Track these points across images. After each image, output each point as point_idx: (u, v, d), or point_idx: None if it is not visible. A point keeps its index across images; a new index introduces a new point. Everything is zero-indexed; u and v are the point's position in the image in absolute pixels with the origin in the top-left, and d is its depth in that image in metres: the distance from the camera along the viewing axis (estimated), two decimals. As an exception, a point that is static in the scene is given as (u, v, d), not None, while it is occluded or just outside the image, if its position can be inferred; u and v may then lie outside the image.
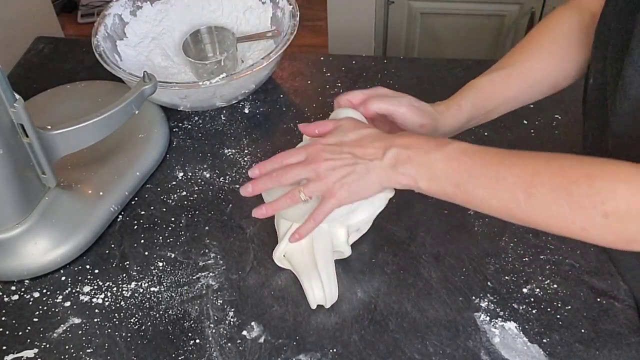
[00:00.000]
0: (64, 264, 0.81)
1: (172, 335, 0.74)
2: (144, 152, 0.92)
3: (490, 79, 0.75)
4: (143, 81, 0.82)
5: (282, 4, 1.05)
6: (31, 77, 1.09)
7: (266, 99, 1.03)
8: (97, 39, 0.98)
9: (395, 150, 0.64)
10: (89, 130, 0.78)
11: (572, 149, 0.91)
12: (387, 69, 1.06)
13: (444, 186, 0.62)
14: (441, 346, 0.71)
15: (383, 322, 0.74)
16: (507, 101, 0.76)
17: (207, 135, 0.98)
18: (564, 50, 0.76)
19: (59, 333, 0.75)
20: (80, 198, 0.84)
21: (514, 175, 0.58)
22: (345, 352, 0.71)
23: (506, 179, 0.58)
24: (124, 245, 0.84)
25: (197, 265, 0.81)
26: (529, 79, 0.75)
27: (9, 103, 0.70)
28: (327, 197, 0.66)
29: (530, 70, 0.75)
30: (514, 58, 0.76)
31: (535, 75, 0.76)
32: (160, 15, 1.09)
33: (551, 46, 0.76)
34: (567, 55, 0.76)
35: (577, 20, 0.76)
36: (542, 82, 0.76)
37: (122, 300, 0.78)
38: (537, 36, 0.77)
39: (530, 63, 0.75)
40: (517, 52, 0.77)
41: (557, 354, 0.70)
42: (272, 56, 0.94)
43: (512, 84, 0.75)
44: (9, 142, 0.72)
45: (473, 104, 0.74)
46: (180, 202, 0.89)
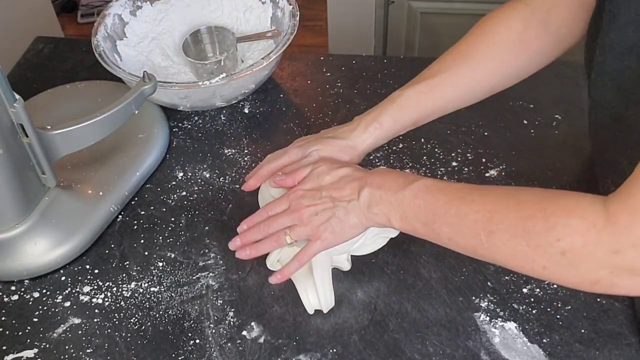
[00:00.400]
0: (63, 264, 0.81)
1: (172, 336, 0.74)
2: (143, 152, 0.92)
3: (416, 90, 0.72)
4: (143, 81, 0.82)
5: (282, 4, 1.04)
6: (31, 77, 1.09)
7: (266, 99, 1.03)
8: (97, 39, 0.98)
9: (368, 190, 0.65)
10: (88, 130, 0.78)
11: (571, 148, 0.91)
12: (387, 68, 1.06)
13: (414, 225, 0.63)
14: (441, 346, 0.71)
15: (383, 322, 0.74)
16: (434, 111, 0.74)
17: (207, 135, 0.98)
18: (498, 58, 0.72)
19: (59, 333, 0.75)
20: (80, 198, 0.84)
21: (474, 212, 0.57)
22: (345, 352, 0.71)
23: (467, 216, 0.58)
24: (123, 245, 0.84)
25: (197, 265, 0.81)
26: (458, 87, 0.73)
27: (8, 103, 0.70)
28: (313, 239, 0.68)
29: (460, 78, 0.72)
30: (443, 65, 0.73)
31: (465, 82, 0.73)
32: (160, 15, 1.09)
33: (486, 50, 0.72)
34: (502, 63, 0.72)
35: (526, 17, 0.71)
36: (474, 89, 0.73)
37: (122, 301, 0.78)
38: (472, 39, 0.73)
39: (460, 70, 0.72)
40: (448, 59, 0.73)
41: (557, 354, 0.70)
42: (272, 56, 0.94)
43: (438, 95, 0.72)
44: (9, 142, 0.72)
45: (395, 120, 0.72)
46: (180, 202, 0.89)
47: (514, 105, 0.97)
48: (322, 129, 0.97)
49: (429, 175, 0.89)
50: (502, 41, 0.71)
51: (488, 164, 0.90)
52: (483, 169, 0.89)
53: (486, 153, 0.91)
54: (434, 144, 0.93)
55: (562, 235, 0.51)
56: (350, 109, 1.00)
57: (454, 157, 0.91)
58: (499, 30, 0.71)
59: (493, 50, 0.71)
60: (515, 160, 0.90)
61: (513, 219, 0.54)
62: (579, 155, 0.90)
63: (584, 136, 0.92)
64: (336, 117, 0.99)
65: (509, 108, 0.97)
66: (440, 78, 0.72)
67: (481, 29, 0.73)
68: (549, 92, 0.98)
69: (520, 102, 0.98)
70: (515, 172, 0.88)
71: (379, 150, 0.92)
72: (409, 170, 0.90)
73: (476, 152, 0.91)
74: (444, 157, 0.91)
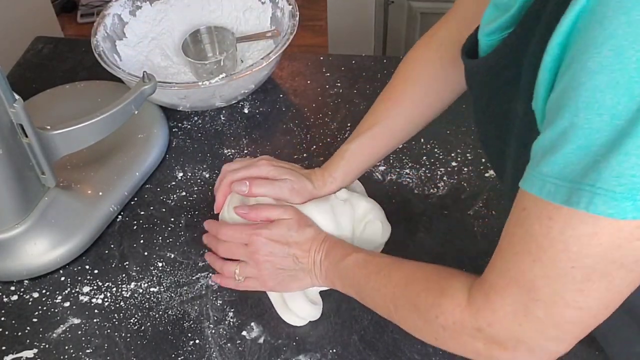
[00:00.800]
0: (63, 264, 0.81)
1: (171, 336, 0.74)
2: (143, 152, 0.92)
3: (358, 143, 0.77)
4: (142, 81, 0.82)
5: (282, 4, 1.04)
6: (30, 77, 1.09)
7: (266, 99, 1.03)
8: (96, 39, 0.98)
9: (321, 257, 0.70)
10: (88, 131, 0.78)
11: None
12: (386, 68, 1.06)
13: (349, 292, 0.69)
14: (441, 346, 0.71)
15: (383, 322, 0.74)
16: (378, 157, 0.79)
17: (207, 135, 0.98)
18: (427, 92, 0.76)
19: (59, 333, 0.75)
20: (80, 198, 0.84)
21: (383, 286, 0.64)
22: (345, 353, 0.71)
23: (379, 290, 0.64)
24: (123, 245, 0.84)
25: (197, 265, 0.81)
26: (395, 132, 0.78)
27: (8, 103, 0.70)
28: (258, 282, 0.73)
29: (395, 125, 0.77)
30: (378, 116, 0.78)
31: (401, 126, 0.78)
32: (159, 15, 1.09)
33: (412, 93, 0.77)
34: (432, 95, 0.76)
35: (433, 54, 0.76)
36: (409, 128, 0.78)
37: (122, 301, 0.78)
38: (397, 86, 0.78)
39: (394, 118, 0.77)
40: (380, 108, 0.78)
41: (557, 354, 0.70)
42: (272, 56, 0.94)
43: (379, 143, 0.78)
44: (9, 143, 0.72)
45: (345, 173, 0.77)
46: (180, 202, 0.89)
47: (513, 105, 0.97)
48: (321, 129, 0.97)
49: (429, 175, 0.89)
50: (423, 81, 0.76)
51: (487, 164, 0.90)
52: (483, 169, 0.89)
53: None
54: (433, 144, 0.93)
55: (438, 313, 0.56)
56: (350, 109, 1.00)
57: (454, 157, 0.91)
58: (419, 72, 0.77)
59: (418, 92, 0.76)
60: (515, 160, 0.90)
61: (408, 296, 0.61)
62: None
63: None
64: (336, 117, 0.99)
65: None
66: (378, 128, 0.77)
67: (402, 74, 0.78)
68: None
69: (520, 102, 0.97)
70: (515, 172, 0.88)
71: (379, 151, 0.92)
72: (409, 171, 0.90)
73: (476, 152, 0.91)
74: (443, 157, 0.91)
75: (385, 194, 0.86)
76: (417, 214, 0.85)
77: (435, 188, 0.87)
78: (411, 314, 0.60)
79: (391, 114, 0.77)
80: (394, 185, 0.88)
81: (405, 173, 0.89)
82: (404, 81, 0.78)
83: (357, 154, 0.77)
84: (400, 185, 0.88)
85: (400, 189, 0.88)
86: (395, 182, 0.89)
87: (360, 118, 0.96)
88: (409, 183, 0.88)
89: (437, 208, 0.85)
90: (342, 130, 0.97)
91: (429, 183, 0.88)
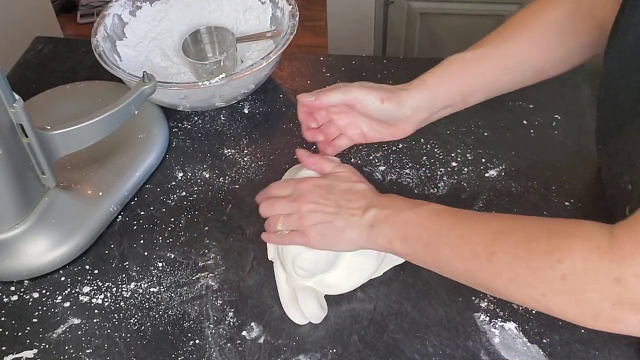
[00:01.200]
0: (63, 264, 0.81)
1: (171, 336, 0.74)
2: (143, 152, 0.92)
3: (462, 57, 0.71)
4: (142, 81, 0.82)
5: (282, 4, 1.04)
6: (30, 77, 1.09)
7: (266, 99, 1.03)
8: (96, 39, 0.98)
9: (375, 210, 0.64)
10: (88, 131, 0.78)
11: (571, 149, 0.91)
12: (386, 69, 1.06)
13: (415, 247, 0.62)
14: (441, 346, 0.71)
15: (383, 322, 0.74)
16: (482, 85, 0.72)
17: (207, 135, 0.98)
18: (547, 37, 0.70)
19: (59, 333, 0.75)
20: (80, 198, 0.84)
21: (478, 233, 0.56)
22: (345, 353, 0.71)
23: (470, 237, 0.57)
24: (123, 245, 0.84)
25: (197, 265, 0.81)
26: (506, 61, 0.71)
27: (8, 103, 0.70)
28: (300, 235, 0.68)
29: (507, 53, 0.71)
30: (494, 37, 0.71)
31: (513, 58, 0.71)
32: (159, 16, 1.09)
33: (532, 32, 0.71)
34: (551, 43, 0.71)
35: (566, 9, 0.70)
36: (522, 66, 0.71)
37: (122, 301, 0.78)
38: (519, 20, 0.72)
39: (507, 45, 0.71)
40: (499, 31, 0.72)
41: (557, 354, 0.70)
42: (272, 56, 0.94)
43: (486, 66, 0.71)
44: (9, 143, 0.72)
45: (440, 80, 0.70)
46: (180, 202, 0.89)
47: (513, 105, 0.97)
48: (321, 129, 0.97)
49: (429, 175, 0.89)
50: (552, 22, 0.70)
51: (488, 164, 0.90)
52: (483, 169, 0.89)
53: (486, 153, 0.91)
54: (433, 144, 0.93)
55: (563, 257, 0.48)
56: (350, 109, 1.00)
57: (454, 158, 0.91)
58: (550, 12, 0.70)
59: (543, 29, 0.70)
60: (515, 161, 0.90)
61: (516, 241, 0.53)
62: (578, 156, 0.90)
63: (584, 136, 0.92)
64: (336, 117, 0.99)
65: (508, 108, 0.97)
66: (489, 48, 0.70)
67: (532, 9, 0.72)
68: (548, 93, 0.98)
69: (520, 102, 0.98)
70: (514, 172, 0.88)
71: (379, 151, 0.92)
72: (408, 171, 0.90)
73: (476, 152, 0.91)
74: (443, 157, 0.91)
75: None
76: (417, 214, 0.85)
77: (435, 188, 0.87)
78: (516, 261, 0.51)
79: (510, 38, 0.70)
80: (394, 185, 0.88)
81: (405, 173, 0.89)
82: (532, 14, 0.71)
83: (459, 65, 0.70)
84: (400, 185, 0.88)
85: (400, 189, 0.88)
86: (395, 182, 0.89)
87: (360, 118, 0.96)
88: (409, 183, 0.88)
89: (437, 208, 0.85)
90: (342, 131, 0.97)
91: (429, 183, 0.88)
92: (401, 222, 0.62)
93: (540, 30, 0.71)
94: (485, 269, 0.55)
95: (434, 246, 0.60)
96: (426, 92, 0.71)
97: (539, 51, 0.71)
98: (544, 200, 0.84)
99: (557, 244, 0.49)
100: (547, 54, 0.71)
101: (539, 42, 0.71)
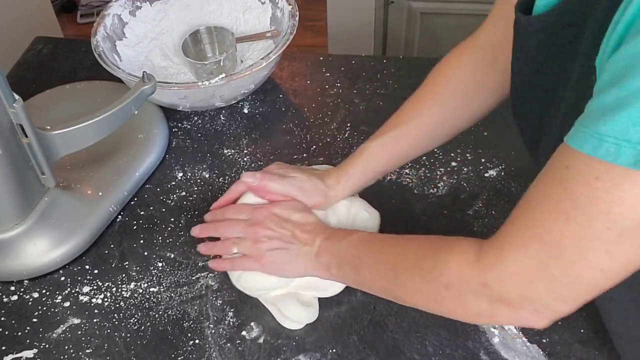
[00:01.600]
0: (63, 264, 0.81)
1: (171, 336, 0.74)
2: (143, 152, 0.92)
3: (380, 142, 0.75)
4: (142, 81, 0.82)
5: (282, 4, 1.04)
6: (30, 77, 1.09)
7: (265, 99, 1.03)
8: (96, 39, 0.98)
9: (320, 240, 0.70)
10: (88, 131, 0.78)
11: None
12: (386, 68, 1.06)
13: (345, 271, 0.68)
14: (440, 346, 0.71)
15: (382, 322, 0.74)
16: (399, 161, 0.77)
17: (207, 135, 0.98)
18: (461, 95, 0.74)
19: (59, 333, 0.75)
20: (80, 198, 0.84)
21: (388, 255, 0.64)
22: (344, 352, 0.71)
23: (382, 260, 0.65)
24: (123, 245, 0.84)
25: (197, 265, 0.81)
26: (421, 135, 0.75)
27: (8, 103, 0.70)
28: (254, 258, 0.72)
29: (421, 126, 0.75)
30: (406, 115, 0.75)
31: (428, 129, 0.75)
32: (159, 16, 1.09)
33: (444, 94, 0.75)
34: (466, 99, 0.74)
35: (475, 59, 0.74)
36: (436, 134, 0.76)
37: (122, 301, 0.78)
38: (429, 87, 0.76)
39: (422, 119, 0.75)
40: (409, 108, 0.76)
41: (557, 354, 0.70)
42: (272, 56, 0.94)
43: (402, 143, 0.75)
44: (8, 143, 0.72)
45: (362, 173, 0.76)
46: (180, 202, 0.89)
47: (513, 105, 0.97)
48: (321, 129, 0.97)
49: (428, 175, 0.89)
50: (458, 84, 0.74)
51: (487, 164, 0.90)
52: (482, 169, 0.89)
53: (486, 153, 0.91)
54: (433, 144, 0.93)
55: (443, 270, 0.57)
56: (349, 109, 1.00)
57: (454, 157, 0.91)
58: (454, 74, 0.75)
59: (451, 94, 0.74)
60: (515, 160, 0.90)
61: (412, 260, 0.61)
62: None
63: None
64: (336, 117, 0.99)
65: (508, 108, 0.97)
66: (404, 128, 0.75)
67: (436, 76, 0.76)
68: (548, 92, 0.98)
69: (519, 102, 0.97)
70: (514, 172, 0.88)
71: (379, 151, 0.92)
72: (408, 171, 0.90)
73: (476, 152, 0.91)
74: (443, 157, 0.91)
75: (385, 194, 0.87)
76: (417, 214, 0.85)
77: (435, 188, 0.87)
78: (412, 277, 0.60)
79: (421, 113, 0.75)
80: (394, 185, 0.88)
81: (405, 173, 0.89)
82: (437, 82, 0.75)
83: (377, 154, 0.75)
84: (400, 185, 0.88)
85: (400, 189, 0.88)
86: (395, 182, 0.89)
87: (360, 118, 0.96)
88: (409, 183, 0.88)
89: (436, 208, 0.85)
90: (341, 130, 0.97)
91: (429, 183, 0.88)
92: (337, 250, 0.68)
93: (449, 96, 0.74)
94: (394, 286, 0.63)
95: (358, 269, 0.67)
96: (352, 185, 0.76)
97: (451, 112, 0.75)
98: (543, 200, 0.84)
99: (438, 259, 0.58)
100: (462, 110, 0.75)
101: (448, 105, 0.75)
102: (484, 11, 0.76)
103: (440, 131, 0.76)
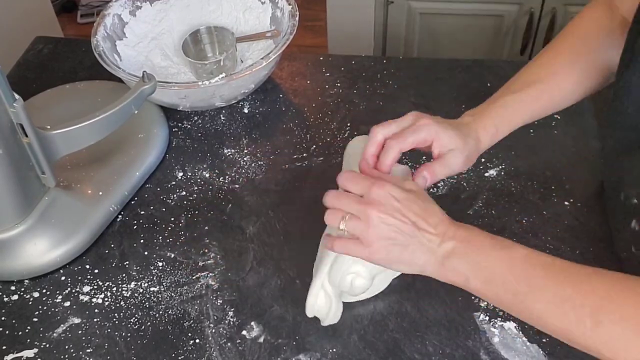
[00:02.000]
0: (63, 264, 0.81)
1: (171, 335, 0.74)
2: (143, 152, 0.92)
3: (521, 98, 0.71)
4: (142, 81, 0.82)
5: (282, 4, 1.05)
6: (30, 77, 1.09)
7: (265, 99, 1.04)
8: (96, 39, 0.98)
9: (453, 243, 0.60)
10: (88, 130, 0.78)
11: (571, 148, 0.91)
12: (386, 69, 1.06)
13: (498, 292, 0.57)
14: (441, 346, 0.71)
15: (383, 322, 0.74)
16: (535, 116, 0.74)
17: (207, 135, 0.98)
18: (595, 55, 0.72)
19: (59, 333, 0.75)
20: (80, 198, 0.84)
21: (582, 296, 0.53)
22: (345, 352, 0.71)
23: (572, 298, 0.53)
24: (123, 245, 0.84)
25: (197, 265, 0.81)
26: (561, 94, 0.73)
27: (8, 103, 0.70)
28: (363, 244, 0.61)
29: (561, 83, 0.73)
30: (543, 71, 0.73)
31: (565, 88, 0.73)
32: (159, 15, 1.09)
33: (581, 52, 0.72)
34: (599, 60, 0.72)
35: (607, 20, 0.72)
36: (574, 92, 0.74)
37: (122, 300, 0.78)
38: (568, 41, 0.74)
39: (560, 77, 0.73)
40: (547, 63, 0.74)
41: (557, 354, 0.70)
42: (272, 56, 0.94)
43: (542, 102, 0.72)
44: (9, 142, 0.72)
45: (509, 126, 0.71)
46: (180, 202, 0.89)
47: (513, 105, 0.97)
48: (321, 129, 0.97)
49: (429, 175, 0.89)
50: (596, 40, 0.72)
51: (487, 164, 0.90)
52: (483, 169, 0.89)
53: (486, 153, 0.91)
54: (433, 144, 0.93)
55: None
56: (349, 109, 1.00)
57: (454, 157, 0.91)
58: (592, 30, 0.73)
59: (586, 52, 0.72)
60: (515, 160, 0.90)
61: (630, 312, 0.51)
62: (577, 155, 0.90)
63: (583, 136, 0.92)
64: (335, 117, 0.99)
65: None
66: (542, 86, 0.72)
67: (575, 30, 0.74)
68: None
69: (519, 102, 0.97)
70: (514, 172, 0.88)
71: (379, 150, 0.92)
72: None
73: (475, 152, 0.91)
74: (443, 157, 0.91)
75: (385, 194, 0.86)
76: (417, 213, 0.85)
77: (435, 188, 0.87)
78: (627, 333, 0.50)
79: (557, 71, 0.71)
80: (394, 185, 0.88)
81: (405, 173, 0.90)
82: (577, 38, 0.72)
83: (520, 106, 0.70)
84: (400, 185, 0.88)
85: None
86: (395, 182, 0.89)
87: (360, 118, 0.96)
88: (409, 183, 0.88)
89: (436, 208, 0.85)
90: (341, 130, 0.97)
91: (429, 183, 0.88)
92: (486, 264, 0.58)
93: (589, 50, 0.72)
94: (588, 334, 0.53)
95: (524, 297, 0.56)
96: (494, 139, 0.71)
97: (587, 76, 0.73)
98: (543, 200, 0.84)
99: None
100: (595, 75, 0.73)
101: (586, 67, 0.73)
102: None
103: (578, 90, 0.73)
